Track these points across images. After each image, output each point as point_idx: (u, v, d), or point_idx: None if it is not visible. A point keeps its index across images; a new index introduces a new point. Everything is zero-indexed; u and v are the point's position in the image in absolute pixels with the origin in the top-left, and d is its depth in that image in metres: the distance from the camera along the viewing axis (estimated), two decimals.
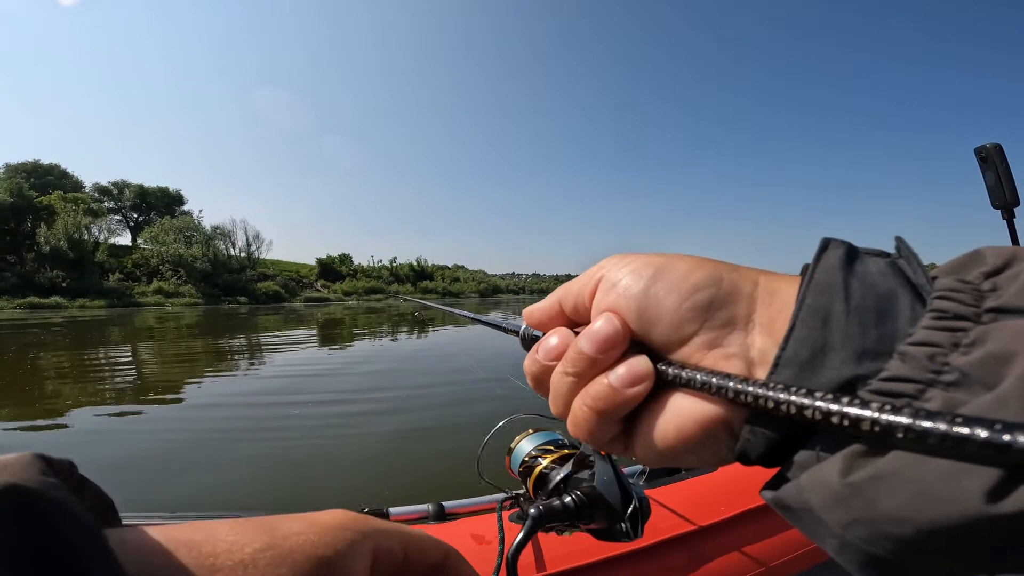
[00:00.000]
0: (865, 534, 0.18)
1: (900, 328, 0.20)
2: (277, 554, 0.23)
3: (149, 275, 50.59)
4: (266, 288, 55.36)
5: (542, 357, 0.30)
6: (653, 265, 0.27)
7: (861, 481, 0.18)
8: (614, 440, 0.28)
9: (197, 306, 43.94)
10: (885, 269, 0.22)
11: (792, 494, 0.21)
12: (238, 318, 25.52)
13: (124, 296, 44.10)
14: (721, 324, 0.24)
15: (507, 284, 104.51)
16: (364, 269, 76.41)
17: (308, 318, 24.44)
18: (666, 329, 0.25)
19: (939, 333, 0.19)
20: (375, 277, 73.69)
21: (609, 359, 0.26)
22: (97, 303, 40.21)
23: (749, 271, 0.26)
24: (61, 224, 46.58)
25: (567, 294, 0.31)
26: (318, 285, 68.12)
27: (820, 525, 0.20)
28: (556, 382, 0.29)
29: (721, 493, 1.23)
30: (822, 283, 0.22)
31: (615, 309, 0.27)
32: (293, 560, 0.23)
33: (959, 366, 0.18)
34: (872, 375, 0.20)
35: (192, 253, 53.23)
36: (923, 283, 0.21)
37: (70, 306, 38.44)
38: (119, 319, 24.92)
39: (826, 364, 0.20)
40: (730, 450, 0.24)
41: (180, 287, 49.22)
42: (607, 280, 0.28)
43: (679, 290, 0.25)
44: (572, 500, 0.58)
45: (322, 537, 0.25)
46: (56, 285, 41.94)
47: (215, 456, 4.02)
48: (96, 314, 31.10)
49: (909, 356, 0.19)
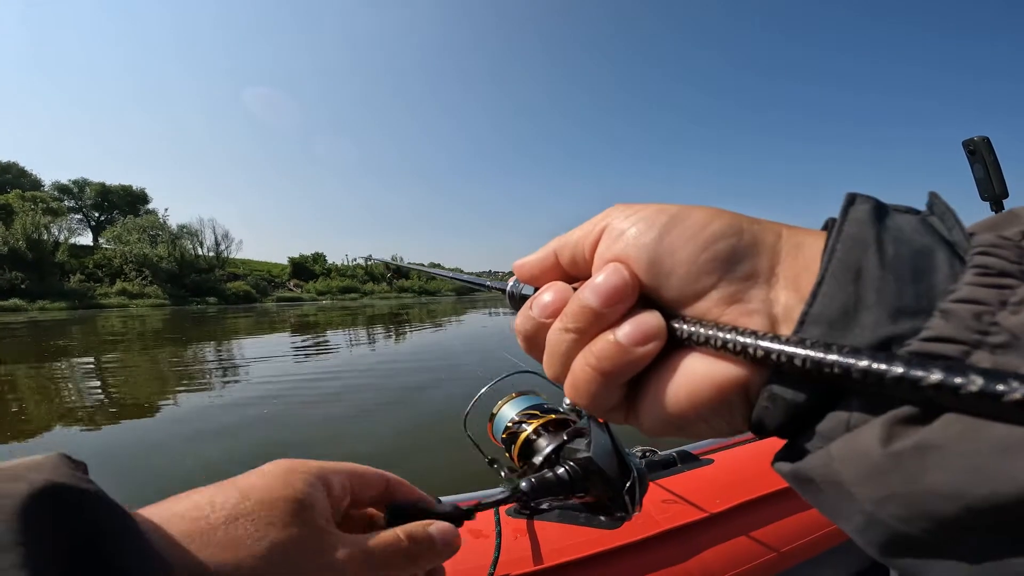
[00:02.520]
0: (901, 511, 0.16)
1: (939, 285, 0.18)
2: (253, 503, 0.28)
3: (112, 276, 48.95)
4: (236, 288, 54.20)
5: (537, 313, 0.27)
6: (667, 213, 0.24)
7: (907, 450, 0.16)
8: (616, 406, 0.26)
9: (163, 307, 42.79)
10: (917, 225, 0.20)
11: (818, 465, 0.19)
12: (205, 319, 24.94)
13: (86, 298, 42.67)
14: (742, 277, 0.22)
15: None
16: (338, 268, 75.33)
17: (280, 319, 23.95)
18: (680, 282, 0.23)
19: (985, 290, 0.17)
20: (349, 276, 72.74)
21: (616, 314, 0.24)
22: (58, 305, 38.85)
23: (771, 224, 0.24)
24: (19, 224, 44.91)
25: (564, 245, 0.28)
26: (291, 285, 66.94)
27: (846, 500, 0.18)
28: (553, 340, 0.26)
29: (720, 484, 1.21)
30: (853, 236, 0.20)
31: (623, 259, 0.24)
32: (269, 504, 0.28)
33: (1009, 327, 0.16)
34: (911, 335, 0.18)
35: (157, 253, 51.78)
36: (960, 240, 0.19)
37: (30, 308, 37.06)
38: (80, 321, 24.08)
39: (858, 322, 0.18)
40: (744, 418, 0.22)
41: (145, 288, 47.78)
42: (613, 228, 0.25)
43: (696, 240, 0.23)
44: (566, 471, 0.53)
45: (283, 481, 0.30)
46: (15, 287, 40.31)
47: (192, 461, 3.90)
48: (57, 316, 30.05)
49: (953, 314, 0.17)
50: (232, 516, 0.27)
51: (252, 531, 0.27)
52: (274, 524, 0.28)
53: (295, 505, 0.29)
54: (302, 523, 0.29)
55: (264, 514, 0.28)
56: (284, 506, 0.29)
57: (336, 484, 0.33)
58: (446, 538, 0.35)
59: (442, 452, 3.75)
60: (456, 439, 1.93)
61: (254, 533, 0.27)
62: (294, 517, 0.29)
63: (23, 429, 4.93)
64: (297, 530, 0.28)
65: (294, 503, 0.29)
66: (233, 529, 0.27)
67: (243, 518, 0.27)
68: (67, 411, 5.62)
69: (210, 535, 0.26)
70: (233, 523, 0.27)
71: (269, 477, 0.30)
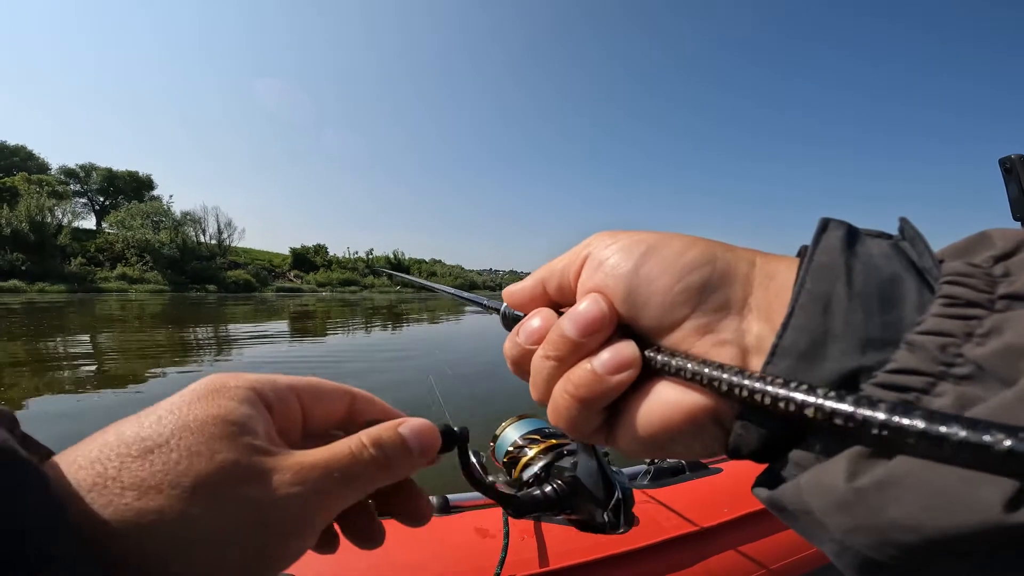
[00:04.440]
0: (869, 541, 0.17)
1: (907, 316, 0.19)
2: (171, 429, 0.23)
3: (113, 260, 49.14)
4: (236, 277, 54.28)
5: (523, 340, 0.28)
6: (644, 243, 0.25)
7: (869, 486, 0.17)
8: (596, 430, 0.26)
9: (163, 293, 42.83)
10: (888, 251, 0.21)
11: (790, 495, 0.20)
12: (204, 306, 24.99)
13: (85, 281, 42.80)
14: (715, 308, 0.23)
15: (484, 280, 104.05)
16: (339, 260, 75.36)
17: (280, 309, 23.98)
18: (656, 312, 0.24)
19: (951, 321, 0.17)
20: (350, 269, 72.76)
21: (593, 343, 0.25)
22: (57, 288, 39.03)
23: (745, 251, 0.24)
24: (23, 206, 45.01)
25: (551, 273, 0.29)
26: (291, 275, 67.03)
27: (818, 527, 0.19)
28: (536, 366, 0.27)
29: (727, 493, 1.21)
30: (823, 265, 0.20)
31: (602, 289, 0.25)
32: (190, 428, 0.23)
33: (974, 358, 0.16)
34: (877, 366, 0.18)
35: (159, 239, 51.93)
36: (930, 267, 0.20)
37: (29, 290, 37.25)
38: (79, 304, 24.16)
39: (827, 354, 0.19)
40: (720, 443, 0.23)
41: (145, 273, 47.93)
42: (594, 258, 0.26)
43: (671, 270, 0.24)
44: (553, 490, 0.56)
45: (207, 400, 0.24)
46: (15, 268, 40.48)
47: None
48: (55, 299, 30.11)
49: (918, 346, 0.18)
50: (145, 451, 0.22)
51: (172, 465, 0.22)
52: (199, 453, 0.22)
53: (225, 426, 0.23)
54: (235, 447, 0.23)
55: (186, 441, 0.22)
56: (211, 429, 0.23)
57: (277, 400, 0.27)
58: (422, 438, 0.29)
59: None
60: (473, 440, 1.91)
61: (174, 467, 0.21)
62: (223, 441, 0.23)
63: (6, 396, 4.97)
64: (229, 455, 0.23)
65: (223, 423, 0.23)
66: (147, 465, 0.21)
67: (158, 450, 0.22)
68: (54, 381, 5.68)
69: (120, 478, 0.21)
70: (147, 458, 0.21)
71: (192, 395, 0.25)
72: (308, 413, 0.28)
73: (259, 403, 0.26)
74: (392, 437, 0.28)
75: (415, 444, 0.28)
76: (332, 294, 54.64)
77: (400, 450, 0.28)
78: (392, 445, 0.27)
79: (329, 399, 0.29)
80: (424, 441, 0.28)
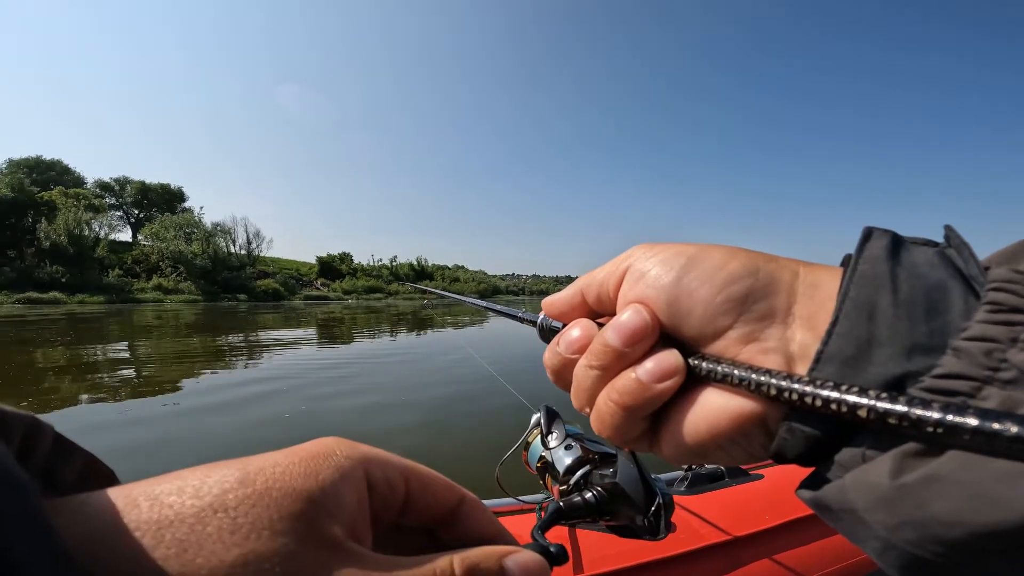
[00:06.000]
0: (913, 537, 0.17)
1: (953, 322, 0.19)
2: (250, 492, 0.19)
3: (149, 271, 50.51)
4: (266, 286, 55.25)
5: (563, 349, 0.28)
6: (685, 254, 0.25)
7: (913, 483, 0.17)
8: (640, 437, 0.27)
9: (196, 303, 43.86)
10: (934, 259, 0.21)
11: (834, 495, 0.20)
12: (236, 316, 25.49)
13: (123, 292, 43.98)
14: (758, 317, 0.23)
15: (507, 285, 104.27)
16: (364, 268, 76.30)
17: (308, 317, 24.31)
18: (699, 322, 0.24)
19: (996, 327, 0.18)
20: (375, 276, 73.58)
21: (637, 352, 0.25)
22: (96, 299, 40.17)
23: (788, 261, 0.25)
24: (62, 219, 46.51)
25: (590, 284, 0.29)
26: (318, 284, 68.02)
27: (862, 526, 0.19)
28: (579, 376, 0.27)
29: (765, 501, 1.18)
30: (867, 275, 0.21)
31: (644, 300, 0.26)
32: (270, 497, 0.19)
33: (1018, 363, 0.17)
34: (924, 372, 0.19)
35: (192, 250, 53.14)
36: (975, 274, 0.20)
37: (69, 301, 38.34)
38: (117, 315, 24.84)
39: (872, 360, 0.19)
40: (764, 447, 0.23)
41: (179, 284, 49.15)
42: (635, 270, 0.27)
43: (713, 281, 0.24)
44: (593, 496, 0.56)
45: (305, 467, 0.21)
46: (55, 280, 41.82)
47: (215, 455, 3.94)
48: (95, 310, 31.04)
49: (964, 352, 0.18)
50: (210, 508, 0.19)
51: (225, 534, 0.18)
52: (263, 529, 0.19)
53: (306, 505, 0.20)
54: (306, 531, 0.19)
55: (257, 512, 0.19)
56: (290, 505, 0.19)
57: (383, 480, 0.23)
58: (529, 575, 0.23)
59: (455, 454, 3.76)
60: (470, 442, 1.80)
61: (227, 537, 0.18)
62: (296, 522, 0.19)
63: (52, 403, 5.06)
64: (292, 541, 0.19)
65: (305, 502, 0.20)
66: (201, 526, 0.18)
67: (223, 513, 0.19)
68: (97, 387, 5.77)
69: (168, 530, 0.18)
70: (207, 518, 0.18)
71: (293, 458, 0.21)
72: (410, 502, 0.25)
73: (362, 481, 0.23)
74: (492, 570, 0.22)
75: None
76: (358, 301, 55.31)
77: None
78: None
79: (435, 493, 0.26)
80: None
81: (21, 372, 7.41)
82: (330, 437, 0.24)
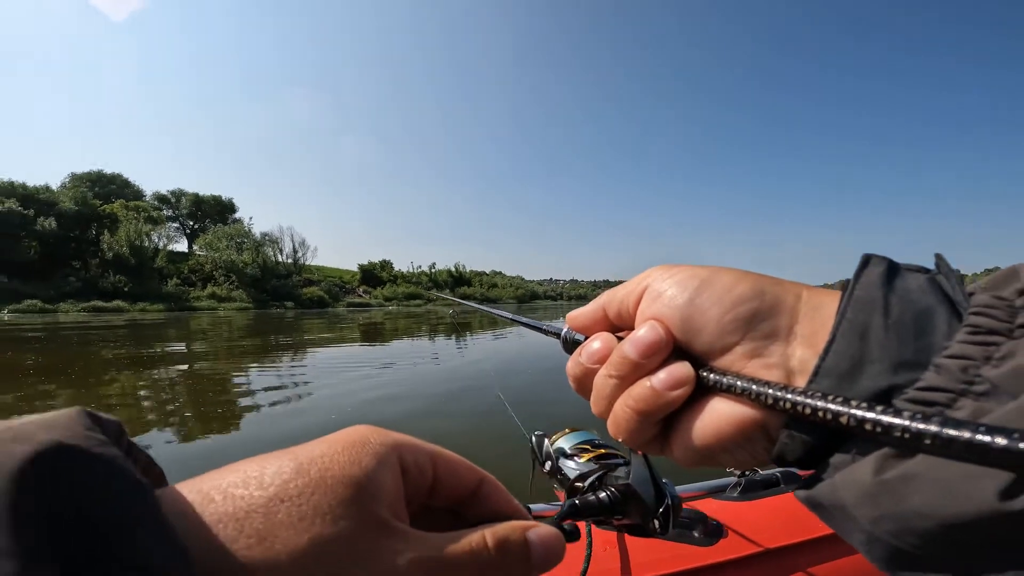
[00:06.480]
0: (893, 528, 0.20)
1: (937, 342, 0.22)
2: (308, 481, 0.22)
3: (204, 280, 52.86)
4: (311, 293, 57.03)
5: (585, 360, 0.31)
6: (698, 277, 0.28)
7: (892, 479, 0.20)
8: (652, 440, 0.29)
9: (247, 310, 45.52)
10: (925, 285, 0.24)
11: (826, 492, 0.23)
12: (284, 323, 26.28)
13: (180, 300, 46.20)
14: (763, 335, 0.26)
15: (544, 290, 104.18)
16: (404, 275, 77.63)
17: (351, 323, 24.82)
18: (709, 338, 0.27)
19: (973, 347, 0.21)
20: (414, 283, 74.78)
21: (652, 364, 0.28)
22: (156, 307, 42.26)
23: (793, 285, 0.27)
24: (123, 231, 49.20)
25: (611, 300, 0.32)
26: (360, 291, 69.66)
27: (850, 521, 0.22)
28: (599, 384, 0.30)
29: None
30: (862, 299, 0.24)
31: (660, 317, 0.28)
32: (325, 484, 0.22)
33: (989, 377, 0.20)
34: (908, 385, 0.21)
35: (243, 259, 55.39)
36: (960, 299, 0.23)
37: (131, 309, 40.37)
38: (176, 322, 26.10)
39: (864, 374, 0.22)
40: (767, 451, 0.26)
41: (232, 292, 51.29)
42: (652, 290, 0.30)
43: (722, 302, 0.27)
44: (607, 496, 0.61)
45: (348, 456, 0.23)
46: (118, 289, 44.21)
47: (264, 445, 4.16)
48: (155, 317, 32.69)
49: (943, 368, 0.21)
50: (276, 498, 0.21)
51: (295, 520, 0.21)
52: (325, 514, 0.21)
53: (357, 490, 0.23)
54: (360, 515, 0.22)
55: (315, 499, 0.22)
56: (343, 491, 0.22)
57: (414, 465, 0.26)
58: (548, 550, 0.26)
59: (502, 460, 3.84)
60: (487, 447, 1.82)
61: (297, 523, 0.21)
62: (351, 506, 0.22)
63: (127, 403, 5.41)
64: (351, 524, 0.22)
65: (356, 487, 0.23)
66: (272, 515, 0.21)
67: (288, 502, 0.21)
68: (170, 390, 6.02)
69: (245, 521, 0.20)
70: (276, 507, 0.21)
71: (335, 447, 0.24)
72: (437, 484, 0.27)
73: (397, 466, 0.25)
74: (518, 541, 0.26)
75: (538, 554, 0.26)
76: (398, 308, 56.23)
77: (519, 557, 0.26)
78: (514, 551, 0.26)
79: (460, 475, 0.28)
80: (549, 553, 0.26)
81: (88, 374, 8.00)
82: (361, 425, 0.26)
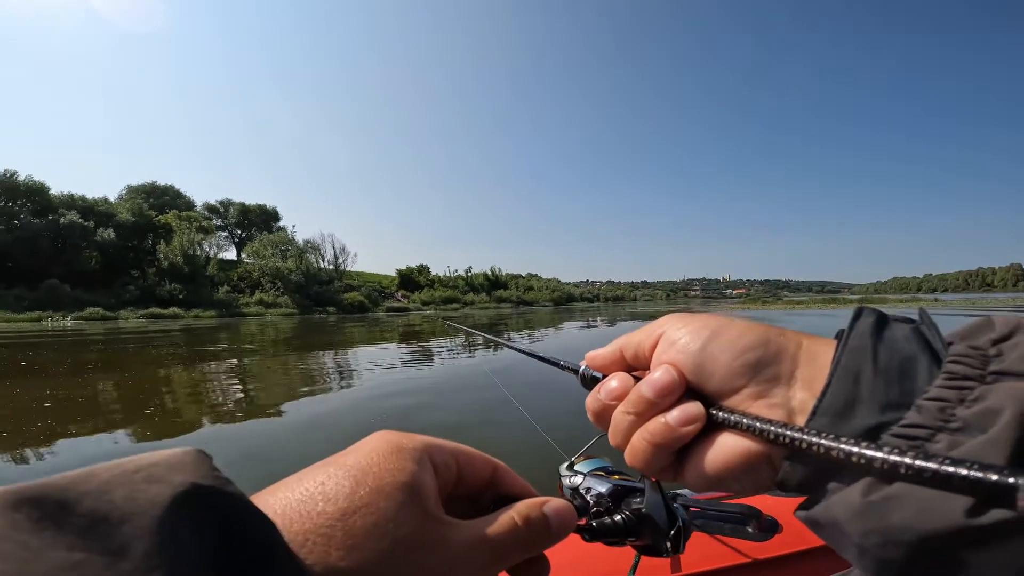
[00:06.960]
0: (879, 541, 0.23)
1: (918, 386, 0.25)
2: (370, 491, 0.25)
3: (252, 287, 55.09)
4: (351, 299, 58.59)
5: (604, 397, 0.35)
6: (709, 328, 0.32)
7: (877, 500, 0.23)
8: (666, 468, 0.33)
9: (292, 316, 47.24)
10: (909, 335, 0.27)
11: (821, 511, 0.26)
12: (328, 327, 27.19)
13: (230, 307, 48.17)
14: (767, 379, 0.29)
15: (581, 292, 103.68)
16: (441, 279, 78.70)
17: (391, 328, 25.39)
18: (719, 381, 0.31)
19: (949, 391, 0.24)
20: (451, 287, 75.77)
21: (666, 403, 0.31)
22: (208, 313, 44.29)
23: (794, 335, 0.31)
24: (177, 241, 51.53)
25: (628, 343, 0.36)
26: (399, 296, 71.06)
27: (844, 536, 0.25)
28: (617, 419, 0.34)
29: None
30: (855, 348, 0.27)
31: (674, 362, 0.32)
32: (385, 492, 0.25)
33: (963, 416, 0.23)
34: (893, 422, 0.25)
35: (287, 266, 57.45)
36: (940, 348, 0.26)
37: (186, 316, 42.38)
38: (227, 327, 27.37)
39: (856, 414, 0.25)
40: (770, 479, 0.29)
41: (278, 298, 53.21)
42: (668, 336, 0.34)
43: (732, 349, 0.31)
44: (623, 519, 0.66)
45: (393, 462, 0.27)
46: (174, 297, 46.34)
47: None
48: (208, 323, 34.34)
49: (924, 408, 0.24)
50: (348, 510, 0.24)
51: (371, 527, 0.24)
52: (390, 519, 0.24)
53: (410, 493, 0.25)
54: (417, 515, 0.25)
55: (382, 506, 0.24)
56: (399, 496, 0.25)
57: (442, 463, 0.30)
58: (562, 519, 0.31)
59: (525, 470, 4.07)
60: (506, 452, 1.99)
61: (373, 530, 0.23)
62: (409, 508, 0.25)
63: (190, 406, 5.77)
64: (413, 523, 0.25)
65: (408, 490, 0.25)
66: (350, 525, 0.23)
67: (360, 512, 0.24)
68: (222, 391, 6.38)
69: (330, 534, 0.23)
70: (351, 518, 0.23)
71: (379, 457, 0.27)
72: (461, 476, 0.31)
73: (429, 466, 0.29)
74: (539, 516, 0.30)
75: (556, 524, 0.31)
76: (436, 312, 57.30)
77: (542, 528, 0.30)
78: (538, 524, 0.30)
79: (477, 467, 0.32)
80: (564, 521, 0.31)
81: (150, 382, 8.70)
82: (387, 432, 0.30)
